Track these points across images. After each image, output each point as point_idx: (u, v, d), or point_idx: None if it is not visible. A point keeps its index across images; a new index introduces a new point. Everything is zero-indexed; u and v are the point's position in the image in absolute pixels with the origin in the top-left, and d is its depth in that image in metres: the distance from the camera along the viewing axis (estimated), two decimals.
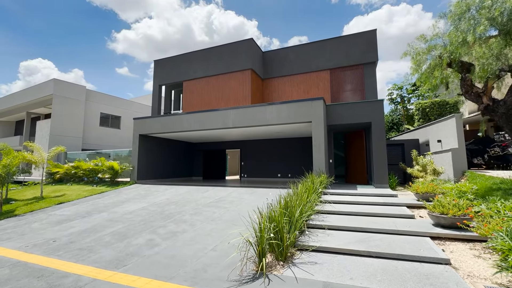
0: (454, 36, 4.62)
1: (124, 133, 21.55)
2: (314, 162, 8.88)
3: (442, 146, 8.35)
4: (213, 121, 10.64)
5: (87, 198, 9.57)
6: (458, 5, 4.58)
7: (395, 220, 5.00)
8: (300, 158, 13.33)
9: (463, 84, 5.30)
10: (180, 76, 14.35)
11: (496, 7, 4.10)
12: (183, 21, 70.64)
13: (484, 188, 5.46)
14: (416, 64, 5.43)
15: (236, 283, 3.08)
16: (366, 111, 9.15)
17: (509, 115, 4.78)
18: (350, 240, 4.11)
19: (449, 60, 5.03)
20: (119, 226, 5.82)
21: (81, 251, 4.44)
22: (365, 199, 6.69)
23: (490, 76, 4.76)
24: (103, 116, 20.33)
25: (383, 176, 8.75)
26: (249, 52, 12.53)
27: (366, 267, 3.30)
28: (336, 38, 12.18)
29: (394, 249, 3.66)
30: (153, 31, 73.96)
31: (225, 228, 5.27)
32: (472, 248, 3.74)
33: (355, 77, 11.67)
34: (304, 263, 3.53)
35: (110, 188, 11.04)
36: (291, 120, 9.38)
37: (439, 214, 4.34)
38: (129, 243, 4.71)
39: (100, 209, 7.63)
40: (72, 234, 5.47)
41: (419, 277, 2.97)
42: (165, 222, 5.94)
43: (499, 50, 4.70)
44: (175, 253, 4.15)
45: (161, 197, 8.77)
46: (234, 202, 7.49)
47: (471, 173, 6.90)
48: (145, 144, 12.64)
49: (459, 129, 7.25)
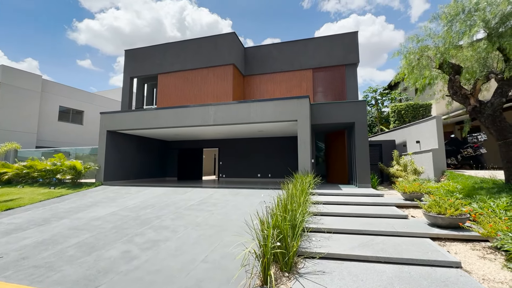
0: (449, 37, 4.66)
1: (87, 130, 19.59)
2: (300, 161, 8.67)
3: (420, 147, 8.67)
4: (192, 118, 9.93)
5: (43, 202, 8.29)
6: (454, 6, 4.63)
7: (390, 221, 4.90)
8: (281, 158, 13.13)
9: (451, 85, 5.43)
10: (155, 68, 13.29)
11: (491, 10, 4.19)
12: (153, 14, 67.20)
13: (467, 188, 5.63)
14: (408, 63, 5.44)
15: None
16: (350, 111, 9.19)
17: (495, 117, 4.96)
18: (353, 244, 3.86)
19: (441, 61, 5.09)
20: (86, 236, 4.97)
21: (37, 270, 3.61)
22: (353, 199, 6.60)
23: (480, 78, 4.91)
24: (63, 110, 18.24)
25: (366, 176, 8.83)
26: (231, 46, 11.97)
27: (379, 275, 3.05)
28: (319, 37, 12.18)
29: (401, 253, 3.48)
30: (120, 23, 69.19)
31: (213, 234, 4.74)
32: (474, 248, 3.70)
33: (337, 78, 11.76)
34: (311, 273, 3.18)
35: (71, 190, 9.76)
36: (276, 119, 9.08)
37: (437, 214, 4.29)
38: (99, 257, 3.97)
39: (61, 215, 6.58)
40: (25, 248, 4.52)
41: (438, 284, 2.78)
42: (142, 229, 5.22)
43: (487, 53, 4.85)
44: (159, 267, 3.55)
45: (134, 200, 7.89)
46: (219, 205, 6.94)
47: (450, 172, 7.19)
48: (113, 142, 11.45)
49: (439, 131, 7.55)
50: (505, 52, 4.38)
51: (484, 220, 3.66)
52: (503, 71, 4.74)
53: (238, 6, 68.35)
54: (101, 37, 59.45)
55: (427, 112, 11.53)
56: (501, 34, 4.25)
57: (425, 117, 11.60)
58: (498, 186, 5.18)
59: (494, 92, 5.01)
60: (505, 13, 4.10)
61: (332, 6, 76.17)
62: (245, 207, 6.61)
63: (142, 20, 64.17)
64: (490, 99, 5.03)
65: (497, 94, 4.93)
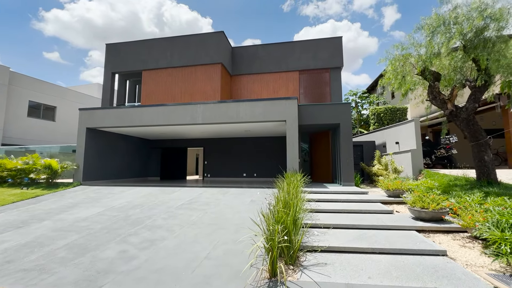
0: (431, 47, 5.10)
1: (60, 127, 18.38)
2: (288, 161, 8.89)
3: (399, 148, 9.29)
4: (180, 116, 9.77)
5: (17, 204, 7.70)
6: (435, 18, 5.07)
7: (378, 216, 5.23)
8: (266, 158, 13.30)
9: (431, 91, 5.92)
10: (138, 64, 12.84)
11: (468, 23, 4.66)
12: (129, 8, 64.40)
13: (443, 185, 6.17)
14: (394, 69, 5.84)
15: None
16: (335, 113, 9.58)
17: (469, 120, 5.50)
18: (348, 238, 4.10)
19: (422, 68, 5.54)
20: (74, 237, 4.75)
21: (28, 273, 3.41)
22: (341, 197, 6.92)
23: (457, 85, 5.41)
24: (33, 105, 16.96)
25: (350, 174, 9.26)
26: (219, 45, 11.93)
27: (376, 264, 3.28)
28: (305, 41, 12.55)
29: (393, 244, 3.76)
30: (92, 15, 65.23)
31: (211, 232, 4.75)
32: (454, 238, 4.10)
33: (322, 80, 12.19)
34: (313, 265, 3.34)
35: (47, 191, 9.15)
36: (265, 118, 9.22)
37: (421, 209, 4.67)
38: (95, 257, 3.83)
39: (41, 217, 6.18)
40: (7, 251, 4.22)
41: (429, 270, 3.07)
42: (135, 228, 5.09)
43: (463, 63, 5.36)
44: (162, 265, 3.51)
45: (120, 200, 7.61)
46: (210, 204, 6.93)
47: (427, 171, 7.80)
48: (93, 140, 10.92)
49: (417, 132, 8.16)
50: (478, 62, 4.90)
51: (464, 213, 4.06)
52: (475, 79, 5.28)
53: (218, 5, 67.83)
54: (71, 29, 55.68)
55: (404, 115, 12.34)
56: (475, 46, 4.74)
57: (402, 119, 12.41)
58: (470, 183, 5.75)
59: (468, 98, 5.56)
60: (480, 27, 4.59)
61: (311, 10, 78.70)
62: (238, 206, 6.67)
63: (116, 13, 61.12)
64: (465, 104, 5.58)
65: (470, 100, 5.48)
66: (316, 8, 79.57)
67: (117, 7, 62.64)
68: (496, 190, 4.95)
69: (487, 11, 4.43)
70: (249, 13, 75.57)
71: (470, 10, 4.75)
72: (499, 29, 4.52)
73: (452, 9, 5.09)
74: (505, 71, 4.65)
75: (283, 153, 13.07)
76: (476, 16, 4.61)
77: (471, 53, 4.94)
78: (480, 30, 4.60)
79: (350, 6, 78.64)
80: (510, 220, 3.31)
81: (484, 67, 4.71)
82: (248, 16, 77.54)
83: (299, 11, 74.60)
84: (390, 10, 76.68)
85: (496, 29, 4.54)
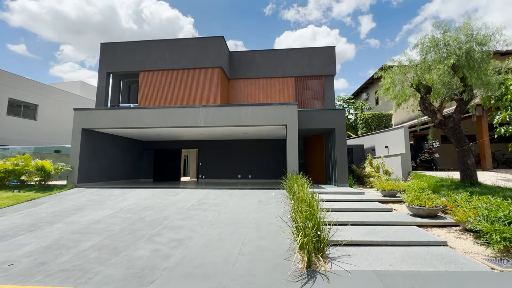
0: (425, 64, 5.81)
1: (42, 126, 17.49)
2: (288, 163, 9.35)
3: (389, 151, 10.12)
4: (181, 118, 9.89)
5: (14, 207, 7.45)
6: (432, 40, 5.80)
7: (380, 214, 5.83)
8: (261, 160, 13.71)
9: (422, 102, 6.67)
10: (136, 65, 12.70)
11: (459, 46, 5.41)
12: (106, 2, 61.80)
13: (432, 185, 6.94)
14: (392, 82, 6.52)
15: (298, 283, 3.08)
16: (331, 118, 10.22)
17: (455, 129, 6.30)
18: (361, 233, 4.61)
19: (417, 82, 6.26)
20: (97, 239, 4.83)
21: (70, 273, 3.52)
22: (342, 197, 7.49)
23: (446, 98, 6.19)
24: (13, 103, 16.02)
25: (344, 176, 9.93)
26: (219, 49, 12.18)
27: (392, 254, 3.80)
28: (301, 48, 13.16)
29: (401, 237, 4.32)
30: (64, 7, 61.72)
31: (233, 231, 5.05)
32: (449, 231, 4.76)
33: (316, 87, 12.86)
34: (339, 257, 3.79)
35: (42, 193, 8.85)
36: (266, 122, 9.63)
37: (418, 207, 5.32)
38: (130, 257, 4.00)
39: (49, 220, 6.10)
40: (33, 254, 4.24)
41: (437, 257, 3.64)
42: (156, 229, 5.25)
43: (450, 79, 6.14)
44: (201, 261, 3.78)
45: (125, 203, 7.63)
46: (220, 205, 7.19)
47: (414, 173, 8.64)
48: (88, 141, 10.68)
49: (406, 138, 9.00)
50: (465, 80, 5.67)
51: (456, 210, 4.74)
52: (461, 93, 6.08)
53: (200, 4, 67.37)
54: (40, 21, 52.22)
55: (389, 121, 13.36)
56: (463, 65, 5.50)
57: (388, 124, 13.41)
58: (455, 184, 6.56)
59: (454, 109, 6.37)
60: (467, 50, 5.34)
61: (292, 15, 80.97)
62: (247, 206, 6.99)
63: (92, 6, 58.30)
64: (452, 114, 6.38)
65: (457, 111, 6.28)
66: (297, 13, 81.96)
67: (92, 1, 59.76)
68: (479, 190, 5.75)
69: (474, 37, 5.22)
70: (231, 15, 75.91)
71: (459, 34, 5.52)
72: (483, 52, 5.31)
73: (443, 33, 5.84)
74: (486, 87, 5.46)
75: (277, 155, 13.60)
76: (465, 40, 5.38)
77: (460, 72, 5.70)
78: (467, 52, 5.36)
79: (329, 13, 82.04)
80: (497, 214, 3.99)
81: (471, 83, 5.49)
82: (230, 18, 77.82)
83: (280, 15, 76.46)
84: (366, 19, 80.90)
85: (480, 51, 5.32)
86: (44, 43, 69.33)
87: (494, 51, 5.51)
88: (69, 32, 62.08)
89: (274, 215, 6.08)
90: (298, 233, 3.81)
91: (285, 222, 5.51)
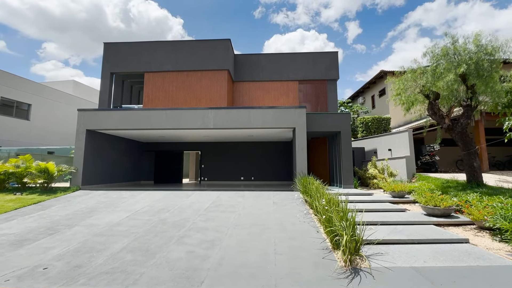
0: (437, 72, 6.15)
1: (35, 126, 16.89)
2: (297, 165, 9.53)
3: (392, 154, 10.52)
4: (190, 120, 9.89)
5: (21, 210, 7.22)
6: (444, 49, 6.16)
7: (397, 214, 6.09)
8: (264, 162, 13.84)
9: (431, 107, 7.04)
10: (141, 66, 12.56)
11: (469, 56, 5.78)
12: (92, 0, 60.24)
13: (439, 187, 7.30)
14: (403, 87, 6.85)
15: (345, 280, 3.23)
16: (337, 121, 10.51)
17: (462, 133, 6.68)
18: (386, 232, 4.81)
19: (428, 88, 6.61)
20: (125, 241, 4.80)
21: (113, 275, 3.51)
22: (352, 198, 7.72)
23: (455, 104, 6.56)
24: (5, 102, 15.40)
25: (350, 178, 10.23)
26: (226, 52, 12.27)
27: (422, 252, 4.02)
28: (305, 53, 13.47)
29: (425, 235, 4.56)
30: (48, 3, 59.61)
31: (261, 232, 5.14)
32: (465, 230, 5.05)
33: (319, 90, 13.17)
34: (373, 254, 3.96)
35: (47, 196, 8.60)
36: (275, 125, 9.79)
37: (434, 207, 5.61)
38: (168, 258, 4.02)
39: (65, 223, 5.98)
40: (63, 257, 4.18)
41: (464, 253, 3.88)
42: (182, 231, 5.26)
43: (458, 86, 6.52)
44: (241, 262, 3.85)
45: (139, 205, 7.55)
46: (236, 206, 7.25)
47: (419, 175, 9.03)
48: (92, 142, 10.46)
49: (411, 141, 9.41)
50: (474, 88, 6.06)
51: (472, 209, 5.04)
52: (467, 100, 6.48)
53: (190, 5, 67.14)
54: (21, 17, 50.13)
55: (388, 124, 13.87)
56: (473, 74, 5.87)
57: (386, 128, 13.90)
58: (462, 185, 6.94)
59: (461, 115, 6.77)
60: (477, 59, 5.72)
61: (281, 19, 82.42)
62: (264, 207, 7.09)
63: (77, 4, 56.63)
64: (459, 119, 6.78)
65: (464, 116, 6.68)
66: (286, 17, 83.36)
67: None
68: (486, 191, 6.12)
69: (484, 48, 5.62)
70: (221, 17, 76.06)
71: (468, 44, 5.92)
72: (491, 61, 5.70)
73: (452, 42, 6.23)
74: (493, 95, 5.85)
75: (280, 157, 13.77)
76: (475, 50, 5.76)
77: (470, 80, 6.07)
78: (477, 61, 5.73)
79: (317, 18, 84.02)
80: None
81: (480, 91, 5.88)
82: (219, 20, 77.94)
83: (269, 19, 77.59)
84: (353, 24, 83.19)
85: (489, 60, 5.71)
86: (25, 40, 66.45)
87: (501, 60, 5.93)
88: (52, 29, 59.91)
89: (293, 215, 6.22)
90: (331, 233, 3.97)
91: (306, 222, 5.68)
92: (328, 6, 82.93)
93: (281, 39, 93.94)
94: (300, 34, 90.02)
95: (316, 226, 5.40)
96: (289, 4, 78.03)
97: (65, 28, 57.55)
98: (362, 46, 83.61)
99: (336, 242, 4.07)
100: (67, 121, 19.30)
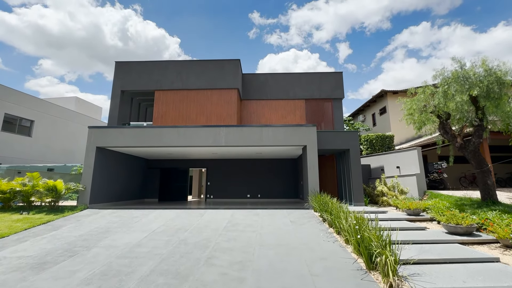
0: (449, 93, 6.46)
1: (37, 143, 16.66)
2: (309, 183, 9.56)
3: (400, 171, 10.68)
4: (202, 138, 9.95)
5: (31, 231, 6.99)
6: (454, 73, 6.52)
7: (418, 232, 6.10)
8: (271, 179, 13.82)
9: (442, 126, 7.30)
10: (151, 84, 12.77)
11: (480, 79, 6.13)
12: (91, 19, 61.40)
13: (453, 204, 7.40)
14: (417, 108, 7.15)
15: None
16: (345, 139, 10.71)
17: (475, 152, 6.90)
18: (414, 252, 4.82)
19: (440, 109, 6.89)
20: (151, 263, 4.67)
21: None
22: (366, 216, 7.72)
23: (466, 123, 6.84)
24: (9, 118, 15.27)
25: (360, 195, 10.27)
26: (236, 71, 12.64)
27: (457, 271, 4.02)
28: (310, 73, 13.96)
29: (454, 255, 4.58)
30: (47, 22, 60.52)
31: (289, 252, 5.07)
32: (491, 248, 5.09)
33: (326, 109, 13.52)
34: (409, 275, 3.95)
35: (54, 215, 8.36)
36: (286, 143, 9.92)
37: (456, 225, 5.66)
38: (202, 281, 3.92)
39: (81, 244, 5.80)
40: (92, 281, 4.03)
41: (500, 273, 3.91)
42: (207, 252, 5.16)
43: (468, 107, 6.83)
44: (280, 284, 3.78)
45: (154, 225, 7.39)
46: (254, 225, 7.17)
47: (431, 192, 9.14)
48: (101, 160, 10.36)
49: (420, 159, 9.61)
50: (486, 109, 6.37)
51: (496, 228, 5.12)
52: (480, 120, 6.78)
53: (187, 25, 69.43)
54: (19, 34, 50.70)
55: (391, 142, 14.17)
56: (484, 96, 6.19)
57: (390, 145, 14.19)
58: (477, 203, 7.06)
59: (473, 134, 7.03)
60: (487, 83, 6.06)
61: (275, 40, 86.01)
62: (283, 226, 7.03)
63: (76, 22, 57.68)
64: (471, 138, 7.03)
65: (475, 136, 6.93)
66: (279, 38, 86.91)
67: (76, 17, 59.29)
68: (503, 209, 6.24)
69: (493, 72, 5.99)
70: (217, 37, 78.74)
71: (476, 68, 6.30)
72: (502, 84, 6.05)
73: (460, 67, 6.62)
74: (503, 116, 6.15)
75: (287, 174, 13.80)
76: (484, 74, 6.13)
77: (482, 101, 6.37)
78: (487, 85, 6.07)
79: (309, 39, 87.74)
80: None
81: (491, 112, 6.17)
82: (215, 39, 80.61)
83: (263, 40, 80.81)
84: (343, 45, 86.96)
85: (500, 83, 6.05)
86: (22, 56, 66.54)
87: (511, 82, 6.28)
88: (49, 47, 60.58)
89: (316, 234, 6.18)
90: (361, 253, 3.98)
91: (331, 242, 5.64)
92: (320, 28, 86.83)
93: (275, 58, 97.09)
94: (293, 53, 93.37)
95: (342, 245, 5.37)
96: (282, 26, 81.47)
97: (63, 45, 58.33)
98: (353, 65, 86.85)
99: (372, 262, 4.06)
100: (69, 138, 19.12)
